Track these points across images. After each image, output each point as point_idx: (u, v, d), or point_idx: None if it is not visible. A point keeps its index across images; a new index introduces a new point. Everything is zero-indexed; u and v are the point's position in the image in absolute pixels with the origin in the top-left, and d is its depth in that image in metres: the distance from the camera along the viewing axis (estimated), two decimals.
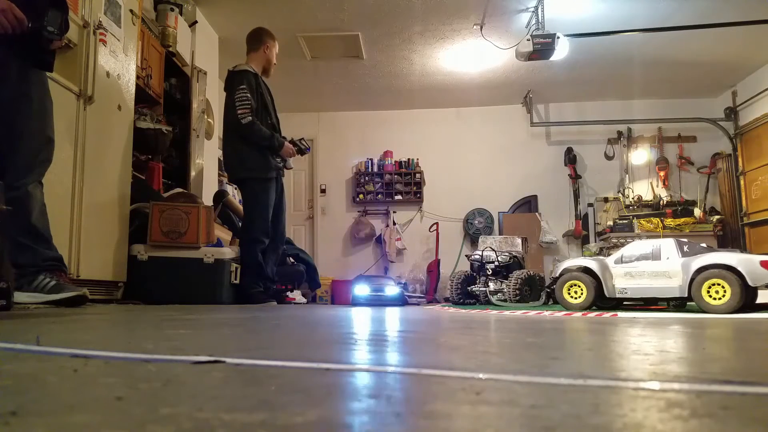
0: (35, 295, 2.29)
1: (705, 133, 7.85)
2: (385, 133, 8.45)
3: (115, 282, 3.47)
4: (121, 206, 3.52)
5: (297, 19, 5.67)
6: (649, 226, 7.23)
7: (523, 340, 1.29)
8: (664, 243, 2.99)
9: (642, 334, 1.50)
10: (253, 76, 4.10)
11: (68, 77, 2.97)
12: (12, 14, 2.09)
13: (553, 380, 0.65)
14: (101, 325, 1.71)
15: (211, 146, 5.69)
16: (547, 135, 8.25)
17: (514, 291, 4.20)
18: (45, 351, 0.86)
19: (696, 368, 0.86)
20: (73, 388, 0.59)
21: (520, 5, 5.43)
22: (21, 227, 2.23)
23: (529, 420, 0.45)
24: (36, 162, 2.36)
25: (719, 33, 5.72)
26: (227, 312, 2.57)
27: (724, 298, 2.65)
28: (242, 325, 1.76)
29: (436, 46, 6.35)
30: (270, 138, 4.04)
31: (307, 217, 8.49)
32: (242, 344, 1.16)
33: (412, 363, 0.84)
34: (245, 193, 4.22)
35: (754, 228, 7.17)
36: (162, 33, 4.78)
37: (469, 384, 0.62)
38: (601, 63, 6.71)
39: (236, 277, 4.02)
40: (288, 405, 0.50)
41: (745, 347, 1.27)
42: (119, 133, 3.52)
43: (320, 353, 1.01)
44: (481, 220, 8.13)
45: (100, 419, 0.44)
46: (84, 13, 3.11)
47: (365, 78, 7.24)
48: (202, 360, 0.75)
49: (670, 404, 0.52)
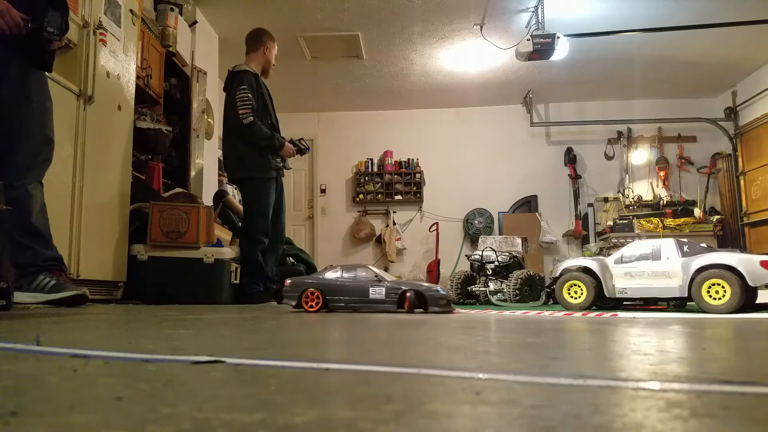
0: (35, 295, 2.29)
1: (705, 133, 7.85)
2: (385, 133, 8.45)
3: (115, 282, 3.47)
4: (121, 206, 3.52)
5: (297, 19, 5.67)
6: (649, 226, 7.23)
7: (523, 340, 1.29)
8: (664, 243, 2.99)
9: (642, 334, 1.50)
10: (254, 76, 4.10)
11: (68, 77, 2.97)
12: (9, 15, 2.09)
13: (553, 380, 0.65)
14: (101, 325, 1.71)
15: (211, 146, 5.69)
16: (547, 135, 8.25)
17: (514, 291, 4.19)
18: (45, 351, 0.86)
19: (696, 368, 0.86)
20: (73, 388, 0.59)
21: (520, 5, 5.43)
22: (21, 227, 2.24)
23: (529, 420, 0.45)
24: (36, 162, 2.36)
25: (719, 33, 5.72)
26: (227, 312, 2.57)
27: (724, 298, 2.65)
28: (242, 325, 1.76)
29: (436, 46, 6.35)
30: (270, 138, 4.04)
31: (307, 217, 8.49)
32: (242, 344, 1.16)
33: (412, 363, 0.84)
34: (245, 193, 4.22)
35: (754, 228, 7.17)
36: (162, 33, 4.78)
37: (469, 384, 0.62)
38: (601, 63, 6.71)
39: (236, 277, 4.02)
40: (288, 405, 0.50)
41: (745, 347, 1.27)
42: (119, 133, 3.52)
43: (320, 353, 1.01)
44: (481, 220, 8.13)
45: (100, 419, 0.44)
46: (84, 13, 3.11)
47: (365, 78, 7.24)
48: (202, 360, 0.75)
49: (670, 404, 0.52)
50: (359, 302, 2.64)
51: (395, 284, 2.70)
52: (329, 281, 2.69)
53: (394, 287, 2.65)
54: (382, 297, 2.62)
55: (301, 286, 2.65)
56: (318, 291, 2.62)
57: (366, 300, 2.63)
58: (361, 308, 2.66)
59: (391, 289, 2.63)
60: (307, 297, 2.62)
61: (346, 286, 2.67)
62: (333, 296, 2.64)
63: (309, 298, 2.62)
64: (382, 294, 2.62)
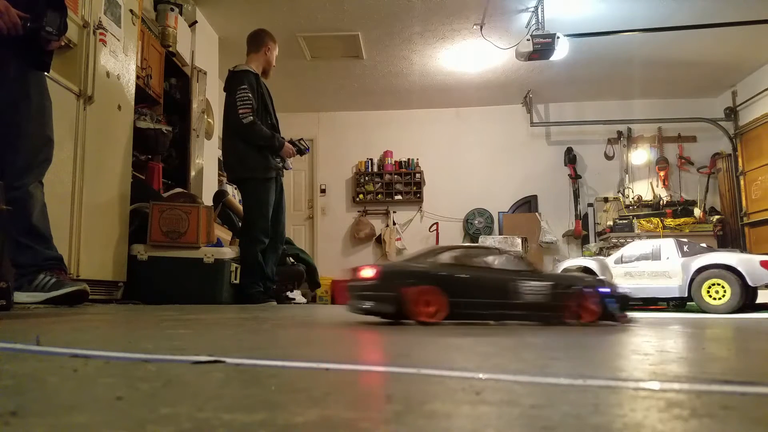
0: (35, 295, 2.29)
1: (705, 133, 7.85)
2: (385, 133, 8.45)
3: (115, 282, 3.47)
4: (121, 206, 3.52)
5: (297, 19, 5.67)
6: (649, 226, 7.23)
7: (523, 340, 1.29)
8: (664, 243, 3.00)
9: (642, 334, 1.50)
10: (254, 76, 4.10)
11: (68, 77, 2.97)
12: (8, 15, 2.09)
13: (553, 380, 0.65)
14: (101, 325, 1.71)
15: (211, 146, 5.69)
16: (547, 135, 8.25)
17: None
18: (45, 351, 0.86)
19: (696, 368, 0.86)
20: (73, 388, 0.59)
21: (520, 5, 5.43)
22: (21, 227, 2.23)
23: (529, 420, 0.45)
24: (36, 162, 2.36)
25: (719, 33, 5.72)
26: (227, 312, 2.57)
27: (724, 298, 2.65)
28: (242, 325, 1.76)
29: (436, 46, 6.35)
30: (270, 138, 4.04)
31: (307, 217, 8.49)
32: (242, 344, 1.16)
33: (412, 363, 0.84)
34: (245, 193, 4.22)
35: (754, 228, 7.17)
36: (162, 33, 4.77)
37: (469, 384, 0.62)
38: (601, 63, 6.71)
39: (236, 277, 4.01)
40: (288, 405, 0.50)
41: (745, 347, 1.27)
42: (119, 133, 3.52)
43: (320, 353, 1.01)
44: (481, 220, 8.13)
45: (100, 419, 0.44)
46: (84, 13, 3.11)
47: (365, 78, 7.24)
48: (202, 360, 0.75)
49: (670, 404, 0.52)
50: (506, 308, 1.69)
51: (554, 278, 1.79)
52: (456, 271, 1.67)
53: (560, 282, 1.74)
54: (544, 299, 1.68)
55: (403, 278, 1.60)
56: (439, 289, 1.60)
57: (516, 304, 1.67)
58: (507, 318, 1.72)
59: (559, 286, 1.71)
60: (418, 299, 1.57)
61: (485, 281, 1.67)
62: (462, 297, 1.63)
63: (424, 300, 1.58)
64: (544, 294, 1.69)
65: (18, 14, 2.13)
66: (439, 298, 1.57)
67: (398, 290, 1.57)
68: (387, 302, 1.58)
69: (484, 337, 1.33)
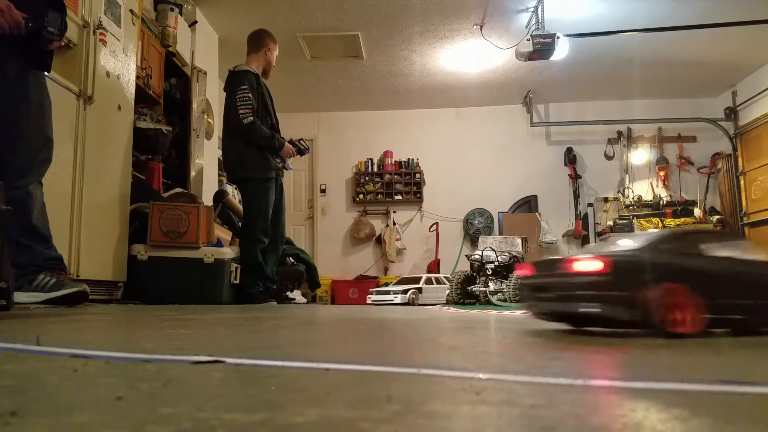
0: (35, 295, 2.28)
1: (705, 133, 7.85)
2: (385, 133, 8.45)
3: (115, 282, 3.47)
4: (121, 206, 3.52)
5: (297, 19, 5.67)
6: (649, 226, 7.24)
7: (523, 340, 1.29)
8: None
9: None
10: (254, 76, 4.10)
11: (68, 77, 2.97)
12: (10, 14, 2.09)
13: (553, 380, 0.65)
14: (101, 325, 1.71)
15: (211, 146, 5.69)
16: (547, 135, 8.25)
17: (514, 291, 4.19)
18: (45, 351, 0.86)
19: (696, 368, 0.86)
20: (73, 388, 0.59)
21: (520, 5, 5.43)
22: (21, 227, 2.23)
23: (529, 420, 0.45)
24: (36, 162, 2.36)
25: (719, 33, 5.72)
26: (227, 312, 2.56)
27: None
28: (242, 325, 1.76)
29: (436, 46, 6.35)
30: (270, 138, 4.04)
31: (307, 217, 8.49)
32: (242, 344, 1.16)
33: (412, 363, 0.84)
34: (245, 193, 4.22)
35: (754, 228, 7.17)
36: (162, 33, 4.77)
37: (469, 384, 0.62)
38: (601, 63, 6.71)
39: (236, 277, 4.01)
40: (288, 405, 0.50)
41: (744, 347, 1.27)
42: (119, 133, 3.52)
43: (320, 352, 1.01)
44: (481, 220, 8.13)
45: (100, 419, 0.44)
46: (84, 13, 3.10)
47: (365, 78, 7.24)
48: (202, 360, 0.75)
49: (670, 404, 0.52)
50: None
51: None
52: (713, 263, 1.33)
53: None
54: None
55: (642, 273, 1.25)
56: (690, 287, 1.24)
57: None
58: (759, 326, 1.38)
59: None
60: (667, 302, 1.23)
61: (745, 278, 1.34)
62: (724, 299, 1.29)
63: (675, 304, 1.24)
64: None
65: (20, 14, 2.13)
66: (694, 300, 1.23)
67: (633, 287, 1.23)
68: (621, 305, 1.24)
69: (484, 337, 1.32)
